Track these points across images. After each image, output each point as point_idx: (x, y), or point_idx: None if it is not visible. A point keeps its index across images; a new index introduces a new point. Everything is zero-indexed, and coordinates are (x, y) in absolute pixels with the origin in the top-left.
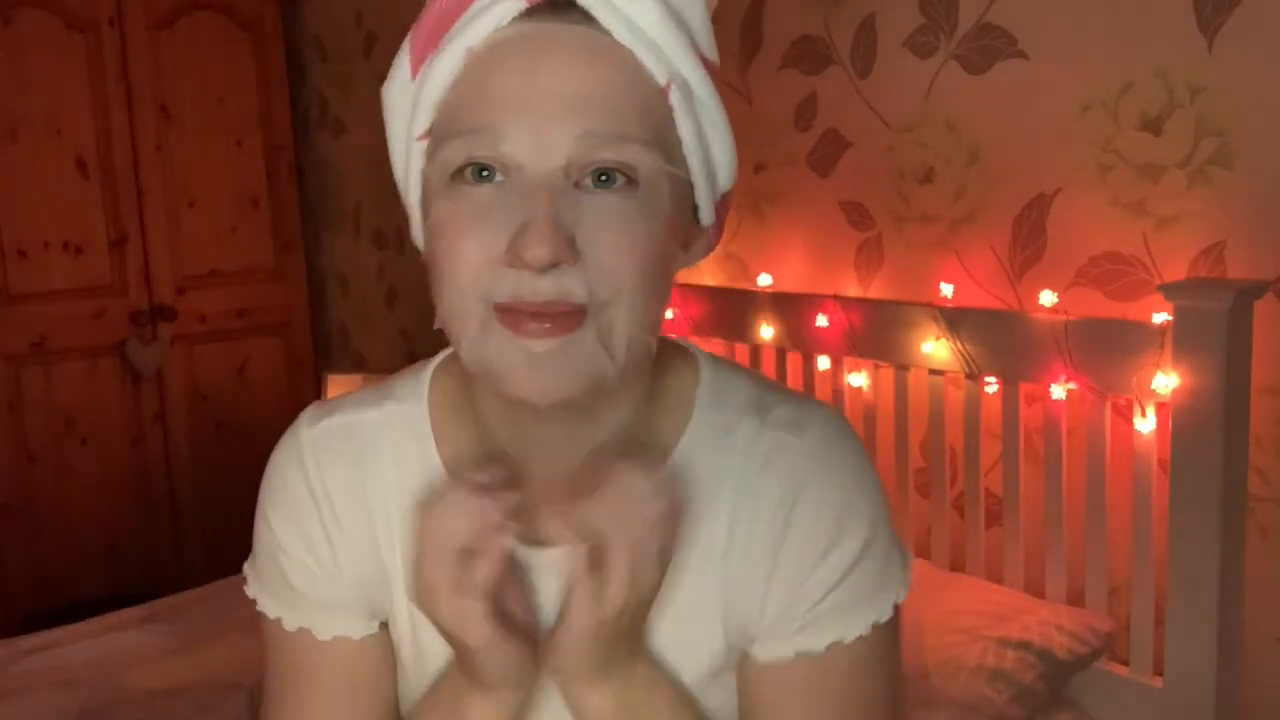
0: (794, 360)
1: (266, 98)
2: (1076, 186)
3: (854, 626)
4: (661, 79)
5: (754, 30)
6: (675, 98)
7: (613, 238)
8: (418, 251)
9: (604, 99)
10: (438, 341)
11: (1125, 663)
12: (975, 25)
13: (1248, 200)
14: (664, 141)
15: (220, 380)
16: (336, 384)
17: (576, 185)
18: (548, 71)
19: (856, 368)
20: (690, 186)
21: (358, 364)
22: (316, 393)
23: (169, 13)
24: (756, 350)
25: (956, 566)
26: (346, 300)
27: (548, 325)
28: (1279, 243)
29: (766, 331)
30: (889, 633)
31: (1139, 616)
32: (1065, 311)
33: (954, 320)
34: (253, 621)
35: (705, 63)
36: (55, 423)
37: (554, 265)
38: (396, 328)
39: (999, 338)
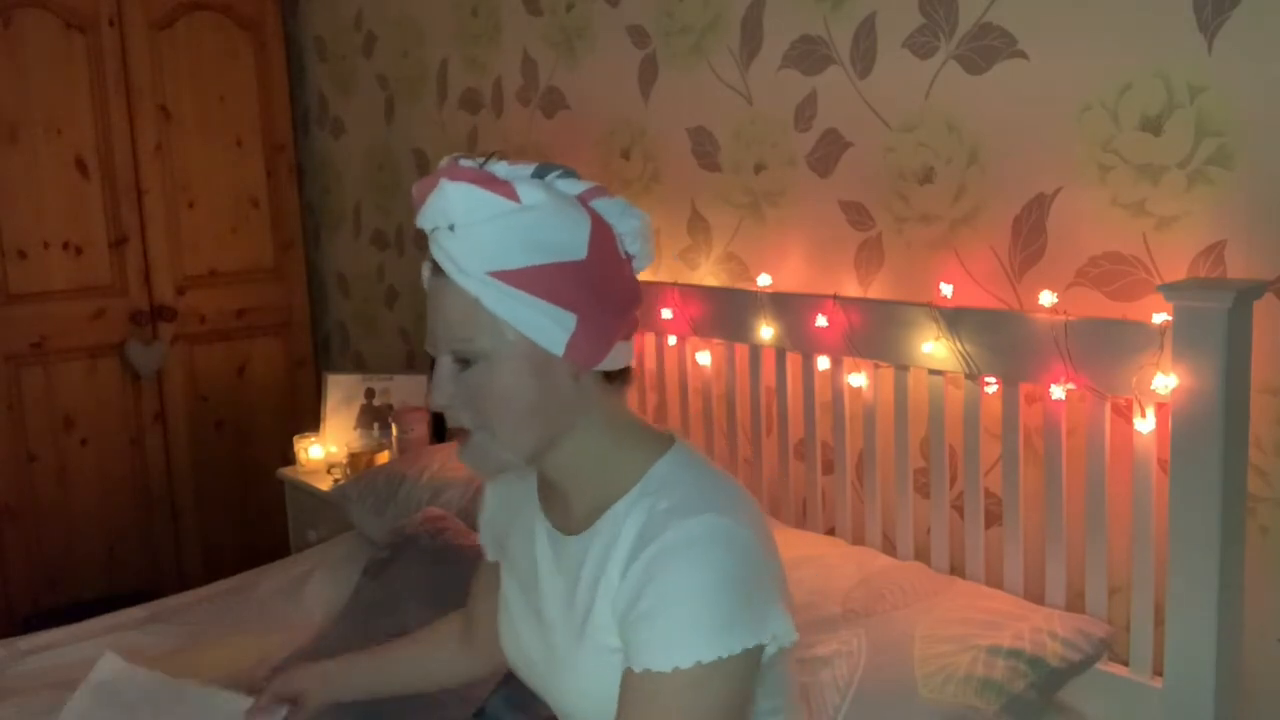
0: (794, 360)
1: (266, 98)
2: (1076, 186)
3: (659, 660)
4: (473, 294)
5: (754, 30)
6: (485, 302)
7: (469, 393)
8: (418, 251)
9: (448, 317)
10: None
11: (1125, 663)
12: (975, 25)
13: (1248, 200)
14: (489, 329)
15: (220, 380)
16: (336, 384)
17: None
18: (431, 306)
19: (856, 368)
20: (529, 343)
21: (358, 364)
22: (316, 393)
23: (169, 13)
24: (756, 350)
25: (956, 567)
26: (346, 300)
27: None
28: (1279, 243)
29: (766, 332)
30: (702, 680)
31: (1139, 617)
32: (1065, 311)
33: (954, 320)
34: (251, 622)
35: (499, 273)
36: (55, 423)
37: (447, 407)
38: (396, 328)
39: (999, 338)
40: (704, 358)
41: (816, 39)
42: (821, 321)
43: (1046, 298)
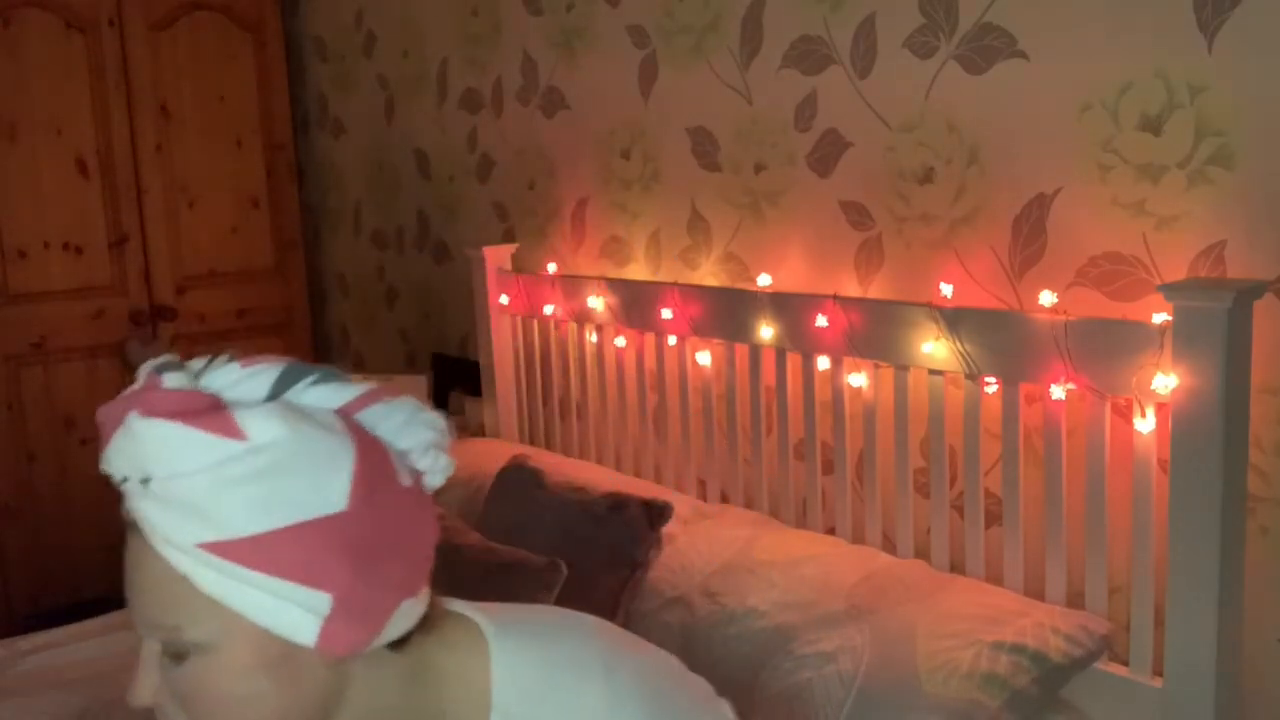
0: (794, 360)
1: (266, 98)
2: (1076, 186)
3: None
4: (181, 571)
5: (754, 30)
6: (198, 582)
7: (182, 696)
8: (417, 251)
9: (150, 595)
10: (437, 343)
11: (1125, 663)
12: (975, 25)
13: (1248, 200)
14: (205, 616)
15: None
16: None
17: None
18: (129, 573)
19: (856, 368)
20: (263, 632)
21: (358, 364)
22: None
23: (169, 13)
24: (756, 350)
25: (956, 567)
26: (346, 300)
27: None
28: (1279, 243)
29: (766, 332)
30: None
31: (1139, 616)
32: (1065, 311)
33: (954, 320)
34: None
35: (217, 545)
36: (55, 423)
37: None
38: (396, 328)
39: (999, 338)
40: (704, 358)
41: (816, 39)
42: (821, 321)
43: (1046, 298)
